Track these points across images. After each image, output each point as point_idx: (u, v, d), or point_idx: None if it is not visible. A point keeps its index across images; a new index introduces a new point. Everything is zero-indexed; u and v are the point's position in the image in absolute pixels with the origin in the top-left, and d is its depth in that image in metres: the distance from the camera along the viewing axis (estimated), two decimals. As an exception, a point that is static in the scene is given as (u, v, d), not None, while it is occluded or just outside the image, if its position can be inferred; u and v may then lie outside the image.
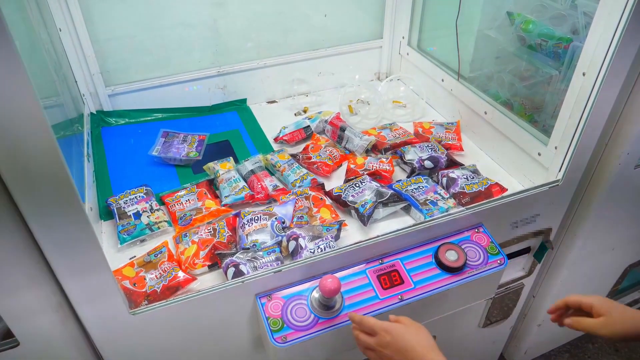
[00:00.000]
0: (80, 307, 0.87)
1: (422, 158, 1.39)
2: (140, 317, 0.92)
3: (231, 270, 1.07)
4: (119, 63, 1.59)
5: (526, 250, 1.32)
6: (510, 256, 1.30)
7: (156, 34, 1.58)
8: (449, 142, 1.50)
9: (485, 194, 1.25)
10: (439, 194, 1.27)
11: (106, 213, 1.31)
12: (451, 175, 1.32)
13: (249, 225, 1.19)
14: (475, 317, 1.45)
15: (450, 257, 1.04)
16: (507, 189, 1.26)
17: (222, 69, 1.71)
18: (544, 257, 1.32)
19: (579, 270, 1.42)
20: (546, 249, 1.29)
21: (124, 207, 1.28)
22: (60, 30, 1.45)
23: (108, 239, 1.25)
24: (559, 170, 1.18)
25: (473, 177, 1.31)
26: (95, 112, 1.63)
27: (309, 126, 1.58)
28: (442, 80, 1.65)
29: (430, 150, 1.42)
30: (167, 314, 0.94)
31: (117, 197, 1.31)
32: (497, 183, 1.28)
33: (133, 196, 1.31)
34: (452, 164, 1.40)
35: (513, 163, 1.39)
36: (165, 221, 1.26)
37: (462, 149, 1.50)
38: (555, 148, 1.19)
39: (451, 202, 1.25)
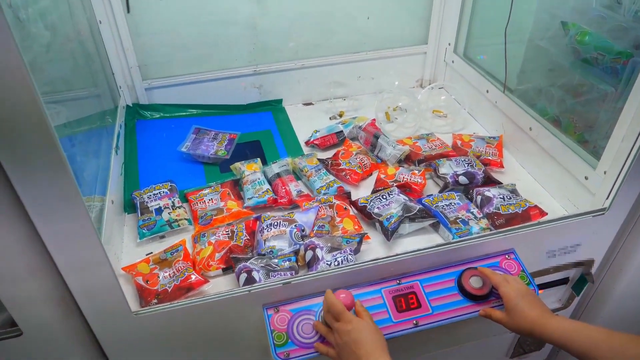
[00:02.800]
0: (82, 302, 0.85)
1: (457, 173, 1.31)
2: (144, 317, 0.90)
3: (243, 276, 1.03)
4: (156, 57, 1.60)
5: (564, 281, 1.22)
6: (546, 286, 1.20)
7: (195, 30, 1.58)
8: (489, 158, 1.41)
9: (523, 217, 1.16)
10: (472, 213, 1.19)
11: (131, 206, 1.31)
12: (487, 193, 1.23)
13: (267, 230, 1.15)
14: (503, 346, 1.35)
15: (475, 283, 0.96)
16: (547, 213, 1.17)
17: (258, 68, 1.68)
18: (583, 291, 1.21)
19: (624, 309, 1.29)
20: (586, 282, 1.18)
21: (146, 202, 1.28)
22: (100, 23, 1.46)
23: (129, 233, 1.25)
24: (607, 198, 1.07)
25: (510, 198, 1.22)
26: (131, 105, 1.64)
27: (341, 131, 1.52)
28: (487, 92, 1.56)
29: (466, 165, 1.33)
30: (170, 317, 0.91)
31: (141, 192, 1.31)
32: (536, 206, 1.19)
33: (157, 191, 1.31)
34: (490, 181, 1.32)
35: (557, 185, 1.28)
36: (186, 219, 1.25)
37: (502, 166, 1.40)
38: (605, 173, 1.08)
39: (484, 222, 1.16)
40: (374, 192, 1.30)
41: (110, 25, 1.48)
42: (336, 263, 1.04)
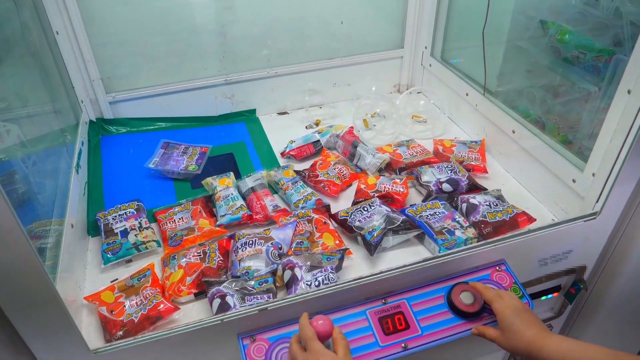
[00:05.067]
0: (32, 344, 0.76)
1: (440, 180, 1.25)
2: (105, 356, 0.81)
3: (217, 302, 0.95)
4: (121, 69, 1.51)
5: (556, 289, 1.16)
6: (537, 295, 1.14)
7: (161, 39, 1.49)
8: (472, 163, 1.36)
9: (510, 224, 1.10)
10: (458, 222, 1.13)
11: (95, 228, 1.21)
12: (472, 201, 1.17)
13: (242, 250, 1.07)
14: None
15: (466, 299, 0.90)
16: (535, 219, 1.11)
17: (230, 77, 1.60)
18: (576, 298, 1.16)
19: (617, 316, 1.24)
20: (579, 290, 1.12)
21: (111, 224, 1.18)
22: (57, 34, 1.37)
23: (93, 258, 1.15)
24: (597, 201, 1.02)
25: (497, 204, 1.16)
26: (94, 120, 1.55)
27: (318, 141, 1.45)
28: (467, 95, 1.51)
29: (449, 171, 1.27)
30: (135, 353, 0.82)
31: (106, 212, 1.22)
32: (524, 212, 1.13)
33: (123, 212, 1.21)
34: (474, 187, 1.26)
35: (544, 189, 1.23)
36: (154, 241, 1.16)
37: (486, 171, 1.35)
38: (593, 175, 1.03)
39: (471, 231, 1.10)
40: (354, 203, 1.23)
41: (69, 36, 1.39)
42: (317, 283, 0.96)
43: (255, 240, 1.08)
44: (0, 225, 0.62)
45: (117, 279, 1.07)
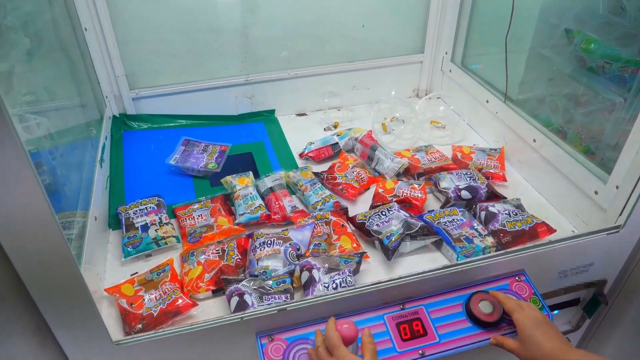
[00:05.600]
0: (58, 332, 0.77)
1: (459, 187, 1.24)
2: (126, 348, 0.81)
3: (235, 300, 0.95)
4: (145, 66, 1.52)
5: (574, 302, 1.15)
6: (555, 307, 1.13)
7: (185, 38, 1.50)
8: (491, 171, 1.35)
9: (530, 234, 1.09)
10: (476, 230, 1.12)
11: (116, 222, 1.22)
12: (491, 209, 1.16)
13: (260, 249, 1.07)
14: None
15: (484, 309, 0.89)
16: (555, 230, 1.10)
17: (250, 78, 1.61)
18: (595, 312, 1.14)
19: (637, 333, 1.22)
20: (599, 304, 1.11)
21: (132, 218, 1.19)
22: (86, 30, 1.38)
23: (113, 250, 1.16)
24: (620, 214, 1.00)
25: (516, 214, 1.15)
26: (118, 115, 1.56)
27: (337, 143, 1.45)
28: (487, 102, 1.49)
29: (468, 178, 1.27)
30: (155, 347, 0.83)
31: (127, 207, 1.23)
32: (544, 222, 1.12)
33: (144, 207, 1.22)
34: (493, 196, 1.25)
35: (564, 200, 1.22)
36: (174, 236, 1.16)
37: (505, 179, 1.34)
38: (617, 187, 1.02)
39: (489, 240, 1.09)
40: (372, 207, 1.23)
41: (97, 33, 1.40)
42: (334, 285, 0.96)
43: (274, 240, 1.08)
44: (35, 214, 0.63)
45: (137, 273, 1.08)
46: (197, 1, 1.45)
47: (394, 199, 1.22)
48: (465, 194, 1.22)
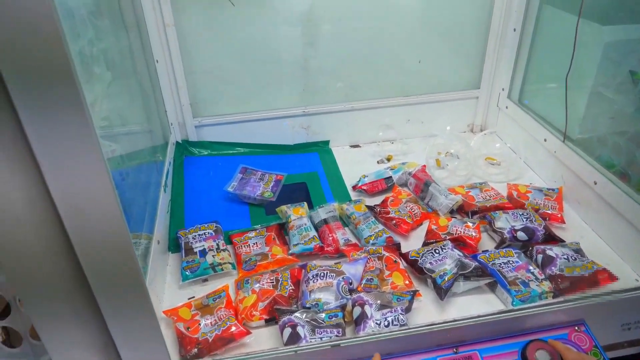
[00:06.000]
0: (123, 350, 0.81)
1: (515, 228, 1.22)
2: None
3: (287, 331, 0.97)
4: (208, 95, 1.60)
5: (638, 356, 1.09)
6: None
7: (247, 69, 1.57)
8: (548, 212, 1.32)
9: (589, 281, 1.06)
10: (532, 274, 1.09)
11: (175, 245, 1.28)
12: (548, 252, 1.13)
13: (313, 281, 1.09)
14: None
15: (542, 358, 0.87)
16: (617, 278, 1.06)
17: (307, 109, 1.66)
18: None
19: None
20: (663, 359, 1.05)
21: (191, 243, 1.24)
22: (157, 62, 1.47)
23: (172, 273, 1.21)
24: (690, 266, 0.96)
25: (575, 258, 1.12)
26: (180, 142, 1.64)
27: (390, 177, 1.46)
28: (545, 140, 1.47)
29: (525, 219, 1.24)
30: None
31: (187, 231, 1.28)
32: (605, 269, 1.08)
33: (202, 232, 1.27)
34: (551, 238, 1.22)
35: (627, 246, 1.17)
36: (230, 263, 1.20)
37: (563, 221, 1.30)
38: (686, 238, 0.97)
39: (546, 285, 1.06)
40: (425, 244, 1.23)
41: (167, 65, 1.50)
42: (386, 323, 0.96)
43: (327, 272, 1.10)
44: (115, 237, 0.68)
45: (193, 297, 1.12)
46: (261, 34, 1.52)
47: (448, 237, 1.22)
48: (521, 235, 1.20)
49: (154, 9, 1.40)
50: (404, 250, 1.20)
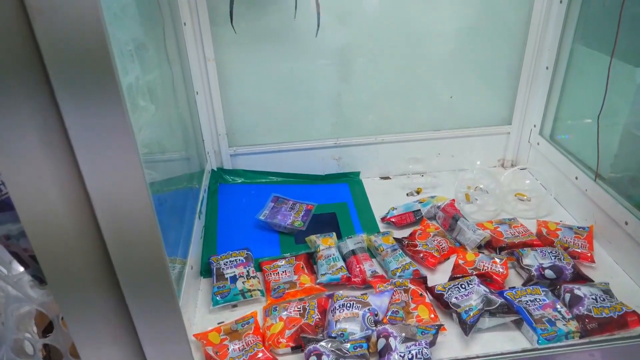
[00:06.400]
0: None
1: (543, 266, 1.22)
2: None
3: (313, 359, 1.00)
4: (244, 125, 1.67)
5: (668, 402, 1.07)
6: (646, 405, 1.06)
7: (282, 102, 1.65)
8: (578, 250, 1.31)
9: (618, 323, 1.05)
10: (559, 312, 1.09)
11: (207, 270, 1.33)
12: (576, 292, 1.13)
13: (340, 311, 1.12)
14: None
15: (566, 399, 0.87)
16: (647, 322, 1.05)
17: (339, 141, 1.71)
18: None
19: None
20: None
21: (223, 269, 1.29)
22: (197, 94, 1.56)
23: (203, 298, 1.26)
24: None
25: (604, 299, 1.11)
26: (216, 169, 1.71)
27: (419, 210, 1.49)
28: (576, 178, 1.47)
29: (553, 257, 1.25)
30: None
31: (219, 257, 1.33)
32: (634, 311, 1.07)
33: (234, 259, 1.32)
34: (579, 277, 1.21)
35: (658, 289, 1.16)
36: (259, 290, 1.24)
37: (592, 260, 1.30)
38: None
39: (573, 325, 1.06)
40: (451, 278, 1.24)
41: (206, 96, 1.58)
42: (410, 356, 0.98)
43: (353, 303, 1.13)
44: (153, 260, 0.73)
45: (223, 322, 1.16)
46: (296, 69, 1.60)
47: (474, 272, 1.23)
48: (549, 274, 1.21)
49: (197, 45, 1.50)
50: (430, 283, 1.22)
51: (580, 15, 1.49)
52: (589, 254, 1.31)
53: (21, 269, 0.82)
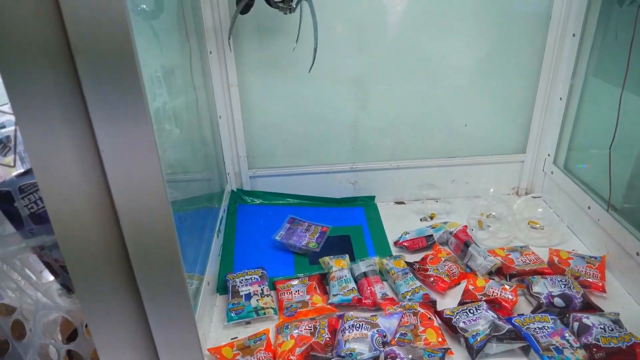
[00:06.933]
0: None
1: (553, 294, 1.24)
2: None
3: (321, 377, 1.03)
4: (264, 148, 1.74)
5: None
6: None
7: (301, 126, 1.71)
8: (589, 280, 1.32)
9: (626, 354, 1.06)
10: (567, 341, 1.11)
11: (223, 287, 1.38)
12: (585, 320, 1.14)
13: (349, 331, 1.15)
14: None
15: None
16: (656, 353, 1.05)
17: (355, 166, 1.76)
18: None
19: None
20: None
21: (238, 286, 1.34)
22: (220, 117, 1.64)
23: (219, 313, 1.31)
24: None
25: (613, 329, 1.12)
26: (235, 190, 1.78)
27: (431, 235, 1.52)
28: (589, 208, 1.49)
29: (563, 285, 1.26)
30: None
31: (235, 275, 1.38)
32: (643, 342, 1.08)
33: (249, 277, 1.37)
34: (589, 307, 1.23)
35: (669, 321, 1.17)
36: (272, 308, 1.29)
37: (604, 290, 1.31)
38: None
39: (581, 353, 1.07)
40: (460, 303, 1.27)
41: (228, 120, 1.66)
42: (416, 377, 1.01)
43: (362, 324, 1.16)
44: (171, 272, 0.79)
45: (236, 337, 1.21)
46: (315, 95, 1.66)
47: (484, 298, 1.25)
48: (558, 302, 1.22)
49: (221, 72, 1.58)
50: (439, 308, 1.24)
51: (593, 48, 1.53)
52: (601, 284, 1.32)
53: (51, 278, 0.88)
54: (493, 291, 1.27)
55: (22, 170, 0.79)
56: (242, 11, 1.44)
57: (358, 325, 1.16)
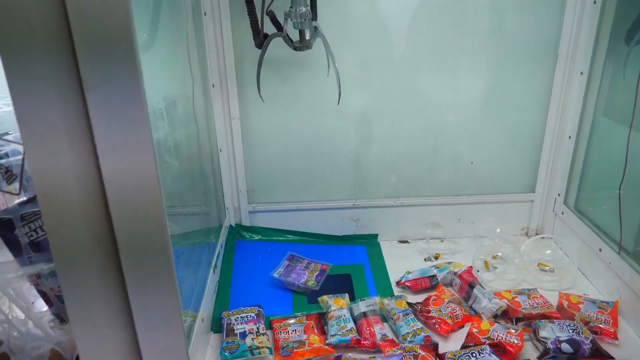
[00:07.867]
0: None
1: (560, 339, 1.26)
2: None
3: (316, 420, 1.05)
4: (264, 183, 1.80)
5: None
6: None
7: (302, 161, 1.77)
8: (600, 326, 1.34)
9: (636, 403, 1.07)
10: (574, 389, 1.12)
11: (218, 325, 1.41)
12: (593, 367, 1.16)
13: (347, 373, 1.18)
14: None
15: None
16: (666, 403, 1.07)
17: (358, 202, 1.81)
18: None
19: None
20: None
21: (233, 324, 1.37)
22: (221, 151, 1.70)
23: (212, 352, 1.33)
24: None
25: (622, 377, 1.14)
26: (234, 225, 1.83)
27: (435, 275, 1.55)
28: (600, 250, 1.52)
29: (571, 331, 1.28)
30: None
31: (230, 313, 1.41)
32: (653, 392, 1.09)
33: (245, 315, 1.40)
34: (599, 354, 1.24)
35: (681, 370, 1.18)
36: (268, 347, 1.31)
37: (616, 337, 1.32)
38: None
39: (588, 402, 1.09)
40: (463, 347, 1.29)
41: (229, 153, 1.73)
42: (414, 422, 1.02)
43: (361, 366, 1.19)
44: (167, 311, 0.83)
45: (229, 378, 1.23)
46: (317, 129, 1.73)
47: (487, 342, 1.27)
48: (565, 347, 1.24)
49: (223, 105, 1.66)
50: (441, 350, 1.27)
51: (601, 86, 1.59)
52: (612, 330, 1.33)
53: (44, 308, 0.93)
54: (498, 335, 1.29)
55: (24, 199, 0.85)
56: (258, 45, 1.51)
57: (356, 367, 1.18)
